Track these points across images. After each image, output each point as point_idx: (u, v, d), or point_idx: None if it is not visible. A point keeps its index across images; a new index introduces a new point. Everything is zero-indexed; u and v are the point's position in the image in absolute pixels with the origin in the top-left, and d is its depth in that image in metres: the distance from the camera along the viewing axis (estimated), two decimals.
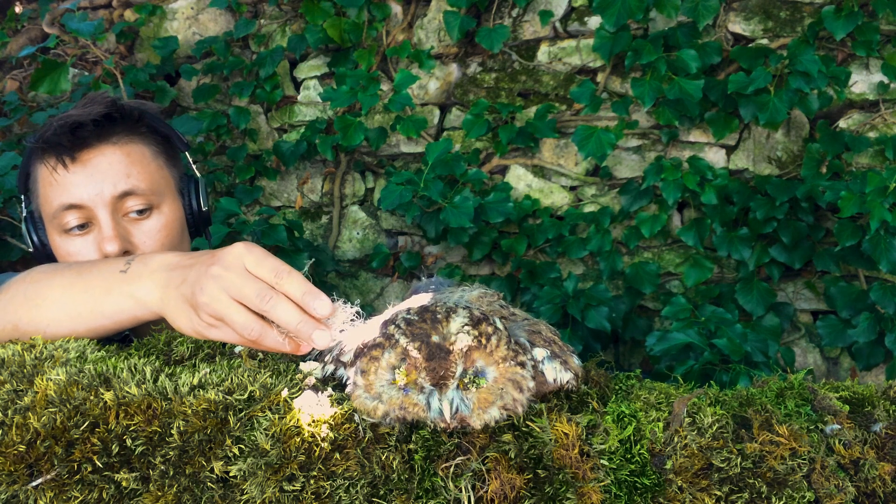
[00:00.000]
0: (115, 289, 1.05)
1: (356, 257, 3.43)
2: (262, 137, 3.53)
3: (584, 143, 2.91)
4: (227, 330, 0.93)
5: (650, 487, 0.83)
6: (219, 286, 0.92)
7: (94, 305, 1.07)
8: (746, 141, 2.95)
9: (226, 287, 0.92)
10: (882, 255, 2.58)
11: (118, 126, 1.42)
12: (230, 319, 0.92)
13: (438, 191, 2.93)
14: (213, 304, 0.93)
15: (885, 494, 0.85)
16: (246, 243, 0.96)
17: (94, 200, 1.38)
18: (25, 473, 0.88)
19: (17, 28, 3.90)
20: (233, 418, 0.88)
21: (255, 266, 0.93)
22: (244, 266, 0.93)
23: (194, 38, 3.60)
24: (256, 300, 0.91)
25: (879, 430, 0.88)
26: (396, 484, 0.83)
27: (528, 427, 0.85)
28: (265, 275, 0.92)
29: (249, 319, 0.92)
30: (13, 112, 3.46)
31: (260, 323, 0.92)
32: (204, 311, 0.94)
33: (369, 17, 3.34)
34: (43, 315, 1.09)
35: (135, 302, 1.03)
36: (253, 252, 0.94)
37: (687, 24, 2.89)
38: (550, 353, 0.90)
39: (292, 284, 0.92)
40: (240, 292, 0.92)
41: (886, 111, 2.79)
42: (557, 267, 3.06)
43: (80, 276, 1.10)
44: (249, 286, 0.92)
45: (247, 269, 0.93)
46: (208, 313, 0.93)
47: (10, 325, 1.12)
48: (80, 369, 0.96)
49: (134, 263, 1.06)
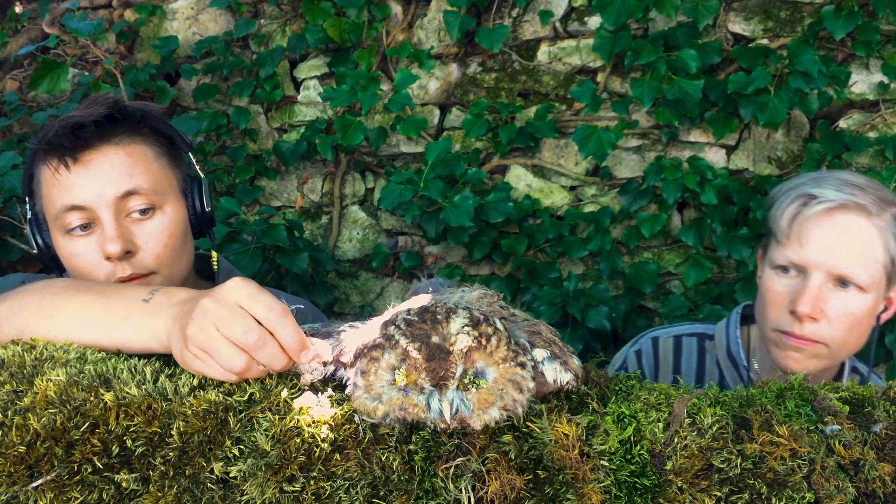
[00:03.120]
0: (133, 317, 1.04)
1: (356, 257, 3.43)
2: (262, 137, 3.54)
3: (584, 142, 2.91)
4: (212, 363, 0.93)
5: (650, 488, 0.83)
6: (208, 319, 0.92)
7: (109, 329, 1.05)
8: (746, 141, 2.95)
9: (214, 321, 0.92)
10: None
11: (120, 127, 1.42)
12: (215, 351, 0.92)
13: (438, 190, 2.93)
14: (199, 335, 0.92)
15: (885, 495, 0.85)
16: (243, 279, 0.96)
17: (96, 201, 1.38)
18: (25, 474, 0.88)
19: (17, 28, 3.90)
20: (233, 419, 0.88)
21: (248, 302, 0.93)
22: (237, 301, 0.93)
23: (194, 38, 3.60)
24: (243, 338, 0.91)
25: (879, 431, 0.89)
26: (396, 485, 0.83)
27: (528, 428, 0.85)
28: (259, 311, 0.92)
29: (234, 354, 0.91)
30: (13, 112, 3.46)
31: (244, 357, 0.92)
32: (192, 342, 0.93)
33: (369, 17, 3.34)
34: (54, 328, 1.08)
35: (150, 334, 1.02)
36: (248, 288, 0.94)
37: (687, 24, 2.89)
38: (550, 353, 0.90)
39: (285, 328, 0.92)
40: (228, 328, 0.91)
41: (886, 111, 2.79)
42: (557, 267, 3.06)
43: (102, 297, 1.09)
44: (238, 322, 0.91)
45: (240, 304, 0.93)
46: (196, 345, 0.93)
47: (16, 331, 1.11)
48: (80, 370, 0.96)
49: (157, 295, 1.05)
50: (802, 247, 1.49)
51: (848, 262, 1.47)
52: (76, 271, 1.42)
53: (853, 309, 1.48)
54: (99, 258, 1.39)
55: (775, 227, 1.55)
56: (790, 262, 1.51)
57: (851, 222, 1.48)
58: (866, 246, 1.47)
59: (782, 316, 1.51)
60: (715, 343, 1.74)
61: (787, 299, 1.50)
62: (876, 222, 1.48)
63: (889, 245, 1.48)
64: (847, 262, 1.47)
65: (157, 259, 1.42)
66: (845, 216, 1.48)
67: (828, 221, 1.48)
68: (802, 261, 1.49)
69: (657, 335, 1.81)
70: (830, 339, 1.49)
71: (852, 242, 1.47)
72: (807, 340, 1.49)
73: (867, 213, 1.47)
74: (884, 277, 1.50)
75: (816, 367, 1.52)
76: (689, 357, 1.76)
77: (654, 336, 1.81)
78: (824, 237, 1.48)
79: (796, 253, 1.50)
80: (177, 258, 1.46)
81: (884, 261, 1.48)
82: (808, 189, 1.52)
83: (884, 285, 1.51)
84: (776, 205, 1.57)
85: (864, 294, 1.48)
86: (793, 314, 1.49)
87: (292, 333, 0.92)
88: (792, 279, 1.51)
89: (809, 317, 1.47)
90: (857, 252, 1.47)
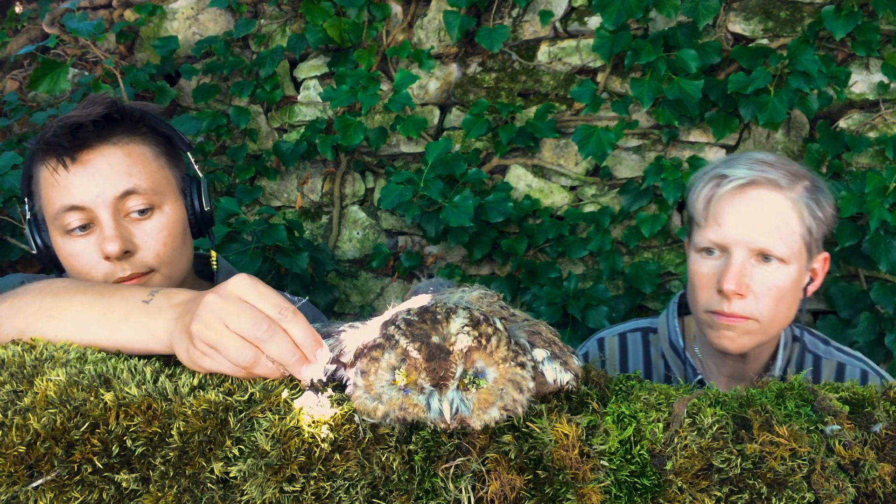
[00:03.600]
0: (133, 317, 1.04)
1: (356, 257, 3.43)
2: (262, 137, 3.53)
3: (584, 142, 2.91)
4: (220, 359, 0.92)
5: (650, 488, 0.83)
6: (214, 315, 0.92)
7: (109, 329, 1.05)
8: (746, 141, 2.95)
9: (221, 315, 0.91)
10: (882, 255, 2.58)
11: (118, 126, 1.42)
12: (223, 346, 0.91)
13: (438, 190, 2.93)
14: (206, 331, 0.92)
15: (884, 495, 0.85)
16: (248, 275, 0.95)
17: (94, 201, 1.38)
18: (25, 474, 0.88)
19: (17, 28, 3.90)
20: (233, 419, 0.88)
21: (258, 299, 0.93)
22: (243, 297, 0.93)
23: (194, 38, 3.60)
24: (252, 329, 0.90)
25: (879, 431, 0.88)
26: (396, 485, 0.83)
27: (528, 428, 0.85)
28: (269, 310, 0.92)
29: (243, 346, 0.91)
30: (13, 112, 3.46)
31: (253, 350, 0.91)
32: (198, 338, 0.93)
33: (369, 17, 3.34)
34: (55, 328, 1.08)
35: (150, 335, 1.02)
36: (256, 286, 0.94)
37: (687, 24, 2.89)
38: (550, 353, 0.90)
39: (297, 326, 0.92)
40: (235, 321, 0.91)
41: (886, 111, 2.79)
42: (557, 267, 3.06)
43: (102, 298, 1.09)
44: (245, 315, 0.91)
45: (246, 300, 0.93)
46: (203, 341, 0.92)
47: (17, 331, 1.11)
48: (80, 370, 0.96)
49: (157, 296, 1.05)
50: (720, 226, 1.53)
51: (766, 236, 1.50)
52: (75, 271, 1.42)
53: (777, 282, 1.51)
54: (98, 258, 1.39)
55: (694, 211, 1.59)
56: (712, 243, 1.55)
57: (764, 197, 1.52)
58: (781, 219, 1.51)
59: (711, 296, 1.55)
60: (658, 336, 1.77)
61: (714, 279, 1.54)
62: (788, 195, 1.52)
63: (804, 216, 1.52)
64: (765, 236, 1.50)
65: (156, 258, 1.42)
66: (757, 192, 1.52)
67: (741, 198, 1.52)
68: (722, 239, 1.53)
69: (603, 336, 1.85)
70: (759, 313, 1.52)
71: (767, 216, 1.51)
72: (737, 317, 1.52)
73: (779, 187, 1.51)
74: (803, 248, 1.54)
75: (751, 343, 1.55)
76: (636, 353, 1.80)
77: (600, 337, 1.85)
78: (739, 214, 1.52)
79: (715, 233, 1.54)
80: (176, 257, 1.46)
81: (801, 231, 1.52)
82: (721, 170, 1.57)
83: (805, 256, 1.55)
84: (693, 189, 1.61)
85: (786, 266, 1.52)
86: (720, 293, 1.52)
87: (304, 329, 0.92)
88: (716, 259, 1.55)
89: (736, 293, 1.50)
90: (774, 225, 1.51)
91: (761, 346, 1.60)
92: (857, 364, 1.67)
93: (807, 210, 1.52)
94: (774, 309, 1.53)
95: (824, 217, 1.55)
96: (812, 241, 1.55)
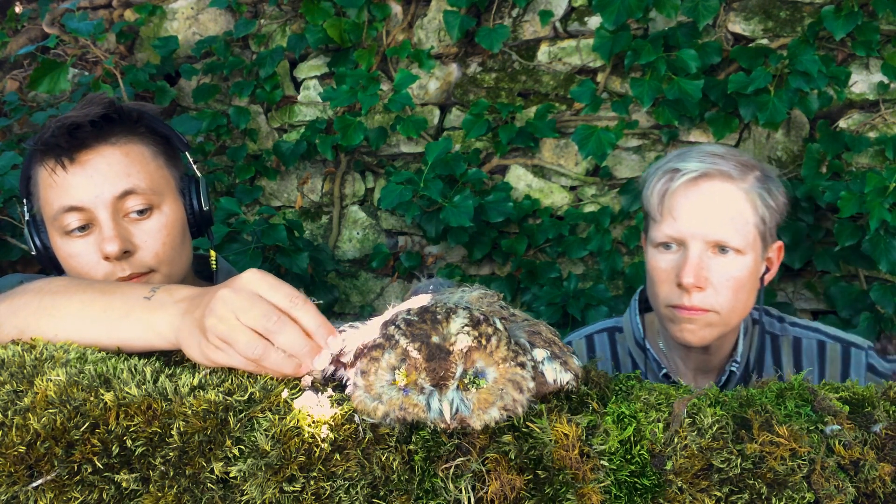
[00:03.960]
0: (134, 314, 1.04)
1: (356, 257, 3.43)
2: (262, 137, 3.53)
3: (584, 142, 2.91)
4: (233, 353, 0.93)
5: (650, 488, 0.83)
6: (227, 308, 0.92)
7: (110, 326, 1.05)
8: (746, 141, 2.95)
9: (233, 309, 0.92)
10: (882, 255, 2.58)
11: (117, 127, 1.42)
12: (234, 339, 0.92)
13: (438, 190, 2.93)
14: (219, 325, 0.92)
15: (884, 495, 0.85)
16: (260, 270, 0.96)
17: (93, 201, 1.38)
18: (25, 474, 0.88)
19: (17, 28, 3.90)
20: (233, 419, 0.88)
21: (269, 291, 0.94)
22: (255, 290, 0.94)
23: (194, 38, 3.60)
24: (263, 320, 0.91)
25: (879, 431, 0.88)
26: (396, 485, 0.83)
27: (528, 428, 0.85)
28: (280, 301, 0.93)
29: (253, 338, 0.92)
30: (13, 112, 3.46)
31: (263, 342, 0.92)
32: (211, 332, 0.93)
33: (369, 17, 3.34)
34: (55, 326, 1.08)
35: (152, 331, 1.02)
36: (267, 278, 0.95)
37: (687, 24, 2.89)
38: (550, 353, 0.90)
39: (308, 314, 0.93)
40: (247, 314, 0.92)
41: (886, 111, 2.79)
42: (557, 267, 3.06)
43: (102, 295, 1.09)
44: (257, 307, 0.92)
45: (258, 293, 0.94)
46: (216, 335, 0.93)
47: (16, 331, 1.11)
48: (80, 370, 0.96)
49: (158, 292, 1.05)
50: (676, 220, 1.54)
51: (721, 228, 1.52)
52: (75, 272, 1.42)
53: (735, 272, 1.53)
54: (97, 258, 1.39)
55: (649, 207, 1.60)
56: (668, 237, 1.56)
57: (716, 189, 1.53)
58: (735, 209, 1.53)
59: (671, 290, 1.56)
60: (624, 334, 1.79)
61: (673, 274, 1.55)
62: (740, 185, 1.54)
63: (757, 205, 1.54)
64: (720, 228, 1.52)
65: (155, 257, 1.42)
66: (710, 184, 1.53)
67: (694, 191, 1.54)
68: (678, 233, 1.54)
69: (570, 339, 1.86)
70: (719, 305, 1.53)
71: (721, 208, 1.53)
72: (697, 310, 1.53)
73: (731, 179, 1.53)
74: (758, 238, 1.56)
75: (712, 335, 1.56)
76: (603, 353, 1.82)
77: (567, 342, 1.85)
78: (694, 206, 1.53)
79: (671, 227, 1.55)
80: (175, 256, 1.46)
81: (755, 221, 1.54)
82: (673, 164, 1.58)
83: (760, 246, 1.57)
84: (647, 185, 1.62)
85: (742, 257, 1.53)
86: (680, 287, 1.53)
87: (315, 316, 0.93)
88: (674, 254, 1.56)
89: (695, 286, 1.51)
90: (728, 216, 1.52)
91: (723, 338, 1.61)
92: (812, 336, 1.68)
93: (759, 200, 1.54)
94: (734, 300, 1.54)
95: (776, 206, 1.57)
96: (766, 230, 1.57)
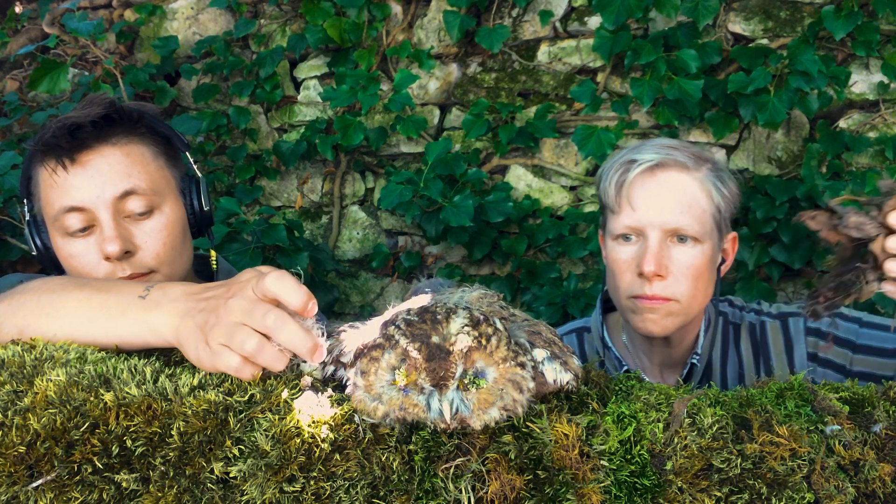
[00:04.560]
0: (130, 313, 1.04)
1: (356, 257, 3.43)
2: (262, 137, 3.53)
3: (584, 142, 2.91)
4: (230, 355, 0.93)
5: (650, 488, 0.83)
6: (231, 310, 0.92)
7: (107, 325, 1.05)
8: (746, 141, 2.95)
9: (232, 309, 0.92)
10: None
11: (117, 127, 1.42)
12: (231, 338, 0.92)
13: (438, 190, 2.93)
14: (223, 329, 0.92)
15: (884, 495, 0.85)
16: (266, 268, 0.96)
17: (94, 202, 1.38)
18: (25, 474, 0.88)
19: (17, 28, 3.90)
20: (233, 419, 0.88)
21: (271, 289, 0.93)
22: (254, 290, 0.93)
23: (194, 38, 3.60)
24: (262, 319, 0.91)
25: (879, 431, 0.89)
26: (396, 485, 0.83)
27: (528, 428, 0.85)
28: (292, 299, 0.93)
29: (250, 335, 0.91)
30: (13, 112, 3.46)
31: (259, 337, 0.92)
32: (212, 336, 0.93)
33: (369, 17, 3.34)
34: (53, 326, 1.08)
35: (148, 329, 1.02)
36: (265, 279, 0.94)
37: (687, 24, 2.89)
38: (550, 353, 0.90)
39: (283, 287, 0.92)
40: (249, 315, 0.92)
41: (886, 111, 2.79)
42: (557, 267, 3.06)
43: (99, 294, 1.09)
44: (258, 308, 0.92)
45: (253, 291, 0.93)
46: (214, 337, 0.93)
47: (16, 330, 1.11)
48: (80, 370, 0.96)
49: (153, 291, 1.05)
50: (634, 209, 1.56)
51: (678, 216, 1.54)
52: (75, 272, 1.42)
53: (694, 260, 1.55)
54: (98, 259, 1.39)
55: (607, 200, 1.62)
56: (627, 228, 1.58)
57: (672, 178, 1.56)
58: (691, 197, 1.55)
59: (632, 281, 1.57)
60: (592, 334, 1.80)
61: (633, 264, 1.57)
62: (695, 175, 1.56)
63: (712, 194, 1.57)
64: (677, 216, 1.54)
65: (156, 258, 1.42)
66: (666, 173, 1.56)
67: (651, 180, 1.56)
68: (637, 223, 1.56)
69: None
70: (679, 293, 1.55)
71: (678, 196, 1.55)
72: (658, 299, 1.55)
73: (686, 168, 1.56)
74: (714, 227, 1.58)
75: (674, 324, 1.58)
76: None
77: None
78: (651, 195, 1.56)
79: (629, 217, 1.57)
80: (176, 257, 1.46)
81: (711, 210, 1.57)
82: (628, 156, 1.61)
83: (716, 235, 1.59)
84: (603, 179, 1.64)
85: (700, 245, 1.56)
86: (641, 276, 1.55)
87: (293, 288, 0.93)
88: (633, 245, 1.58)
89: (656, 275, 1.53)
90: (685, 204, 1.55)
91: (684, 329, 1.62)
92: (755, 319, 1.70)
93: (714, 189, 1.57)
94: (693, 288, 1.56)
95: (730, 195, 1.60)
96: (721, 219, 1.59)
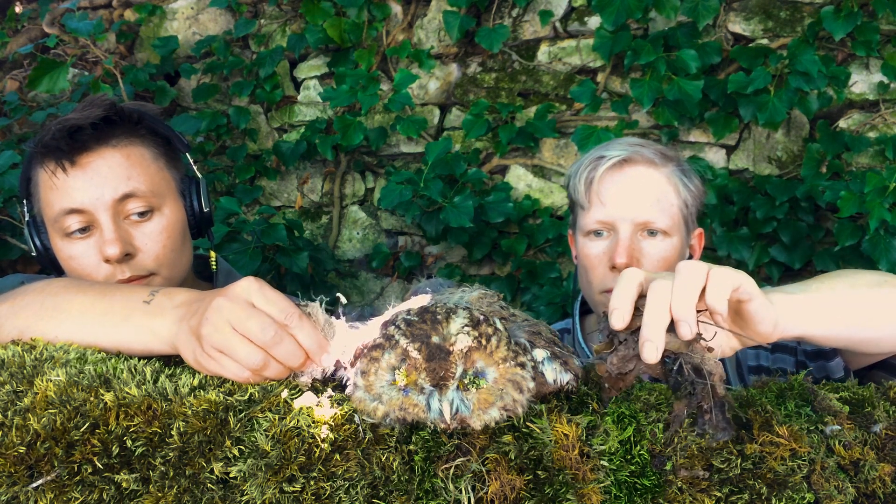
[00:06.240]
0: (134, 318, 1.04)
1: (356, 257, 3.43)
2: (262, 137, 3.53)
3: (584, 142, 2.91)
4: (228, 362, 0.92)
5: (650, 488, 0.83)
6: (223, 318, 0.92)
7: (110, 329, 1.05)
8: (746, 141, 2.95)
9: (230, 319, 0.91)
10: (882, 255, 2.58)
11: (117, 129, 1.42)
12: (232, 350, 0.91)
13: (438, 190, 2.93)
14: (215, 335, 0.92)
15: (884, 495, 0.85)
16: (256, 279, 0.95)
17: (94, 204, 1.38)
18: (25, 475, 0.88)
19: (17, 28, 3.90)
20: (233, 419, 0.88)
21: (264, 303, 0.93)
22: (251, 300, 0.93)
23: (194, 37, 3.60)
24: (260, 334, 0.90)
25: (879, 431, 0.89)
26: (396, 485, 0.83)
27: (528, 428, 0.85)
28: (275, 314, 0.92)
29: (251, 351, 0.91)
30: (13, 112, 3.46)
31: (262, 353, 0.91)
32: (207, 342, 0.93)
33: (369, 17, 3.34)
34: (56, 329, 1.08)
35: (151, 335, 1.02)
36: (263, 289, 0.94)
37: (687, 24, 2.89)
38: (550, 353, 0.90)
39: (303, 331, 0.92)
40: (244, 325, 0.91)
41: (886, 111, 2.79)
42: (557, 267, 3.06)
43: (103, 298, 1.09)
44: (254, 319, 0.91)
45: (254, 304, 0.93)
46: (211, 344, 0.92)
47: (17, 332, 1.11)
48: (80, 370, 0.96)
49: (158, 296, 1.05)
50: (604, 204, 1.59)
51: (647, 209, 1.57)
52: (75, 273, 1.42)
53: (664, 253, 1.58)
54: (98, 260, 1.39)
55: (577, 197, 1.65)
56: (598, 223, 1.60)
57: (640, 172, 1.60)
58: (659, 191, 1.59)
59: (605, 275, 1.59)
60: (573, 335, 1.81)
61: (605, 258, 1.59)
62: (662, 170, 1.61)
63: (679, 189, 1.61)
64: (647, 209, 1.57)
65: (156, 260, 1.42)
66: (634, 168, 1.60)
67: (619, 175, 1.60)
68: (608, 217, 1.59)
69: None
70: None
71: (646, 190, 1.59)
72: None
73: (653, 164, 1.60)
74: (682, 222, 1.62)
75: None
76: None
77: None
78: (620, 190, 1.59)
79: (600, 211, 1.60)
80: (176, 259, 1.45)
81: (678, 204, 1.61)
82: (597, 153, 1.65)
83: (684, 230, 1.63)
84: (573, 177, 1.67)
85: (670, 238, 1.59)
86: (613, 269, 1.57)
87: (312, 337, 0.92)
88: (605, 240, 1.61)
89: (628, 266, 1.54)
90: (653, 198, 1.58)
91: None
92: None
93: (681, 184, 1.61)
94: None
95: (696, 191, 1.64)
96: (688, 214, 1.63)
